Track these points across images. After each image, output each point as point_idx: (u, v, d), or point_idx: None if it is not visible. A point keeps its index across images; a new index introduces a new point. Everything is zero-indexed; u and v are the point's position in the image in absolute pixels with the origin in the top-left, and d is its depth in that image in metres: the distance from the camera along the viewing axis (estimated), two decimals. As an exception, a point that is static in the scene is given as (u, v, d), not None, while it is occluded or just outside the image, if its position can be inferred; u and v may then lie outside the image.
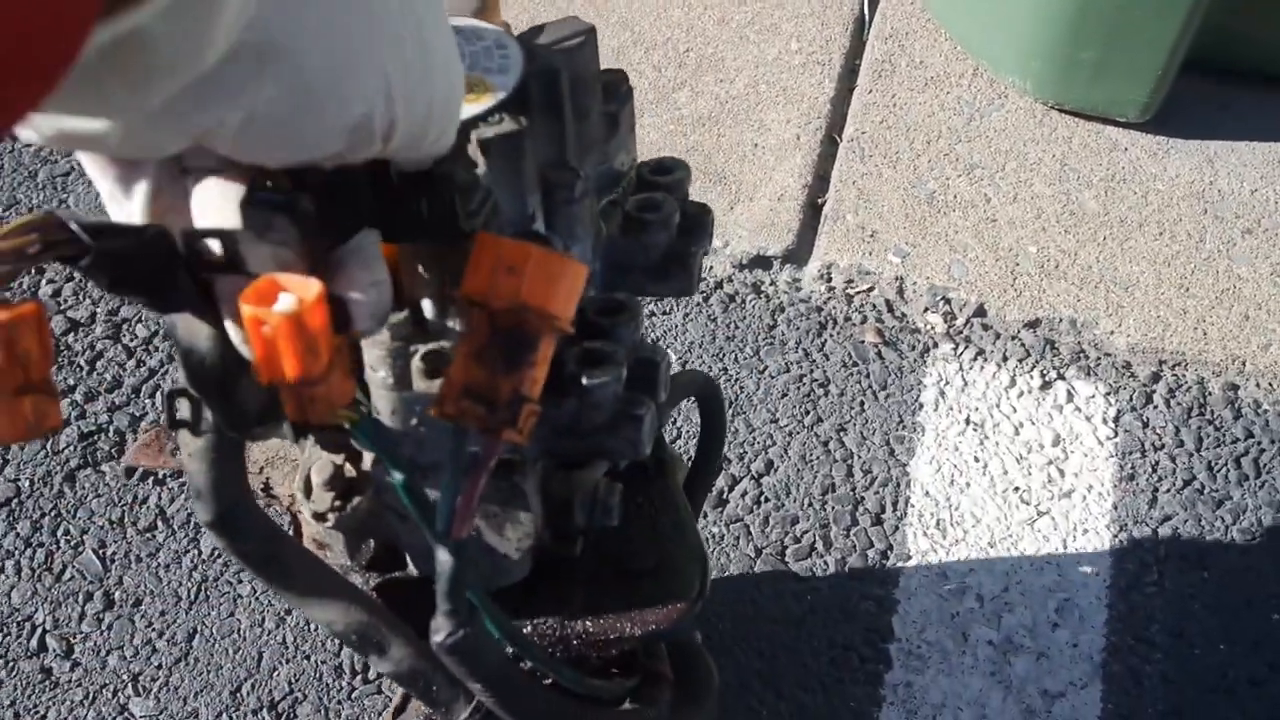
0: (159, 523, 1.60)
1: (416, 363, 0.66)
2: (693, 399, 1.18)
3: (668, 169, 0.82)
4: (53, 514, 1.62)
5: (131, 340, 1.78)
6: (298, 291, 0.47)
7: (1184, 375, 1.66)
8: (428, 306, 0.65)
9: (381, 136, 0.44)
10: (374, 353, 0.67)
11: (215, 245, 0.48)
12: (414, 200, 0.52)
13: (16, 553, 1.58)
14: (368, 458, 0.79)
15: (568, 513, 0.81)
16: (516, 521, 0.78)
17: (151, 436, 1.01)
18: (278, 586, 0.74)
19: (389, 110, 0.43)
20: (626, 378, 0.73)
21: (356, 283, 0.51)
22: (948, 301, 1.73)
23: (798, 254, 1.81)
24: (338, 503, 0.79)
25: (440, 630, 0.66)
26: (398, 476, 0.61)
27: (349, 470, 0.80)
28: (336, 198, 0.49)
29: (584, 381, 0.69)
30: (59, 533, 1.60)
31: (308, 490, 0.79)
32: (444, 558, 0.62)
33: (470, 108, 0.60)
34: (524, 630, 0.86)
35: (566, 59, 0.66)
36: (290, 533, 0.91)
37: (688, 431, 1.63)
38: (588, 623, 0.86)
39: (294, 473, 0.87)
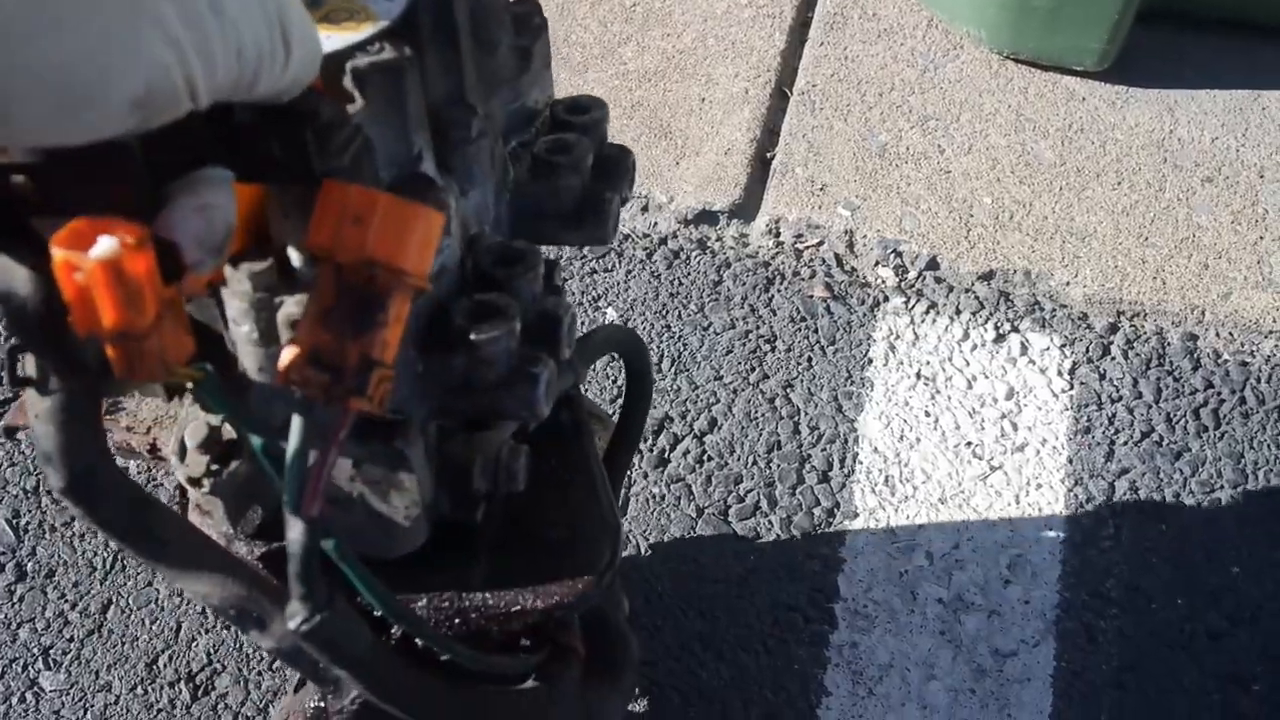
0: (76, 491, 1.53)
1: (282, 315, 0.59)
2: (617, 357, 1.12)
3: (583, 108, 0.77)
4: (-36, 483, 1.55)
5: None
6: (118, 234, 0.43)
7: (1142, 326, 1.60)
8: (294, 255, 0.59)
9: (187, 97, 0.40)
10: (236, 304, 0.60)
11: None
12: (264, 139, 0.48)
13: (-74, 524, 1.50)
14: None
15: (466, 478, 0.76)
16: (401, 488, 0.72)
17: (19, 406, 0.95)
18: (146, 557, 0.67)
19: (184, 71, 0.39)
20: (526, 333, 0.67)
21: (179, 211, 0.47)
22: (899, 255, 1.67)
23: (745, 209, 1.75)
24: (214, 466, 0.73)
25: (295, 615, 0.60)
26: (255, 441, 0.56)
27: (227, 431, 0.73)
28: (167, 136, 0.43)
29: (472, 336, 0.64)
30: (-30, 503, 1.53)
31: (182, 453, 0.73)
32: (295, 536, 0.56)
33: (348, 36, 0.55)
34: (419, 603, 0.80)
35: None
36: (177, 498, 0.85)
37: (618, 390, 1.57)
38: (487, 596, 0.80)
39: (184, 433, 0.81)
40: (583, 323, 1.64)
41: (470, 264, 0.68)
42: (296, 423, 0.53)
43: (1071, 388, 1.55)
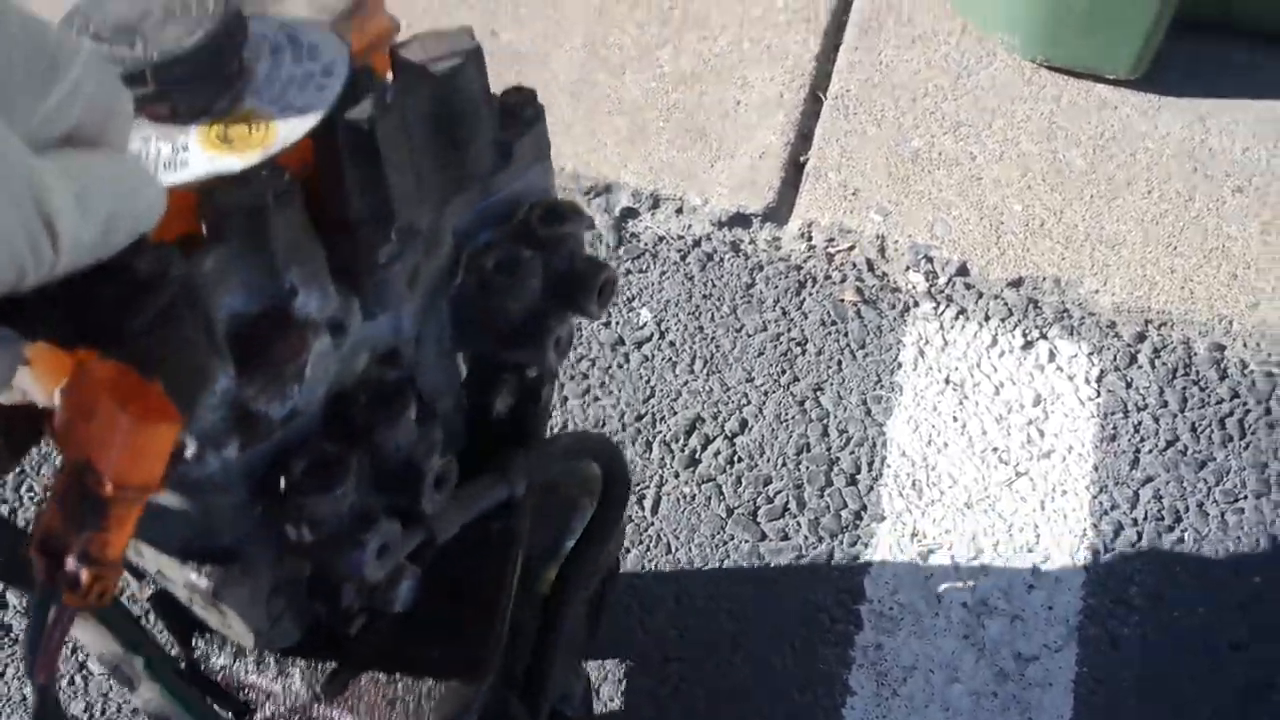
0: None
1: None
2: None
3: (559, 217, 0.71)
4: None
5: None
6: None
7: (1169, 335, 1.62)
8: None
9: None
10: None
11: None
12: (65, 298, 0.43)
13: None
14: None
15: (336, 596, 0.71)
16: (232, 618, 0.67)
17: None
18: (29, 596, 0.64)
19: None
20: (383, 480, 0.63)
21: None
22: (930, 260, 1.70)
23: (778, 212, 1.77)
24: None
25: None
26: None
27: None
28: None
29: (300, 501, 0.59)
30: None
31: None
32: (31, 696, 0.54)
33: (229, 161, 0.50)
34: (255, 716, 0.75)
35: (438, 81, 0.58)
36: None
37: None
38: (329, 710, 0.75)
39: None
40: (617, 323, 1.67)
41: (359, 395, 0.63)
42: (32, 597, 0.50)
43: (1098, 395, 1.57)
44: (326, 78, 0.53)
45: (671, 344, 1.65)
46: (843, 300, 1.68)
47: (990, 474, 1.51)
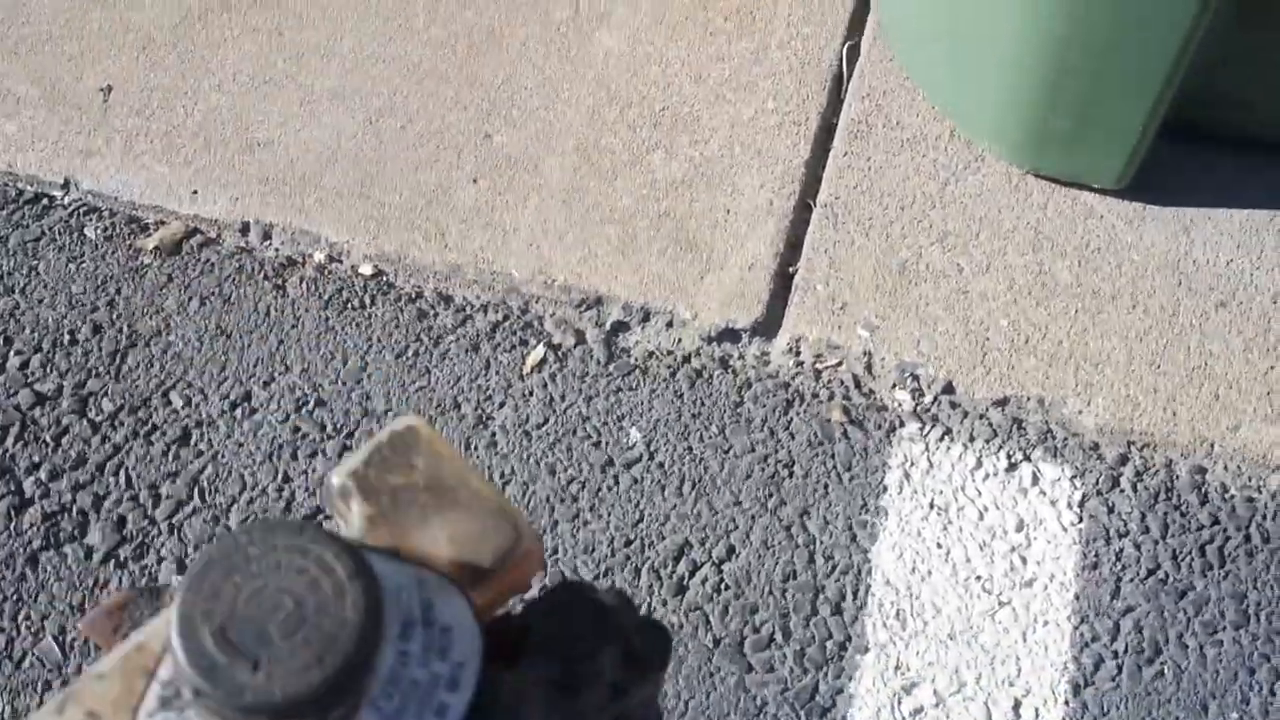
0: (120, 606, 1.60)
1: None
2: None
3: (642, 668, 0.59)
4: (14, 598, 1.62)
5: (97, 414, 1.78)
6: None
7: (1152, 457, 1.64)
8: None
9: None
10: None
11: None
12: None
13: (-22, 636, 1.58)
14: None
15: None
16: None
17: (107, 609, 0.95)
18: None
19: None
20: None
21: None
22: (916, 378, 1.72)
23: (767, 326, 1.80)
24: None
25: None
26: None
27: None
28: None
29: None
30: (19, 618, 1.60)
31: None
32: None
33: None
34: None
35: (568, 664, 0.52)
36: None
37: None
38: None
39: None
40: (606, 443, 1.69)
41: None
42: None
43: (1081, 521, 1.59)
44: (451, 692, 0.46)
45: (661, 465, 1.67)
46: (829, 420, 1.70)
47: (973, 603, 1.53)
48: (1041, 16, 1.65)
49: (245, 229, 1.96)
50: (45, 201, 2.03)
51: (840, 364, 1.75)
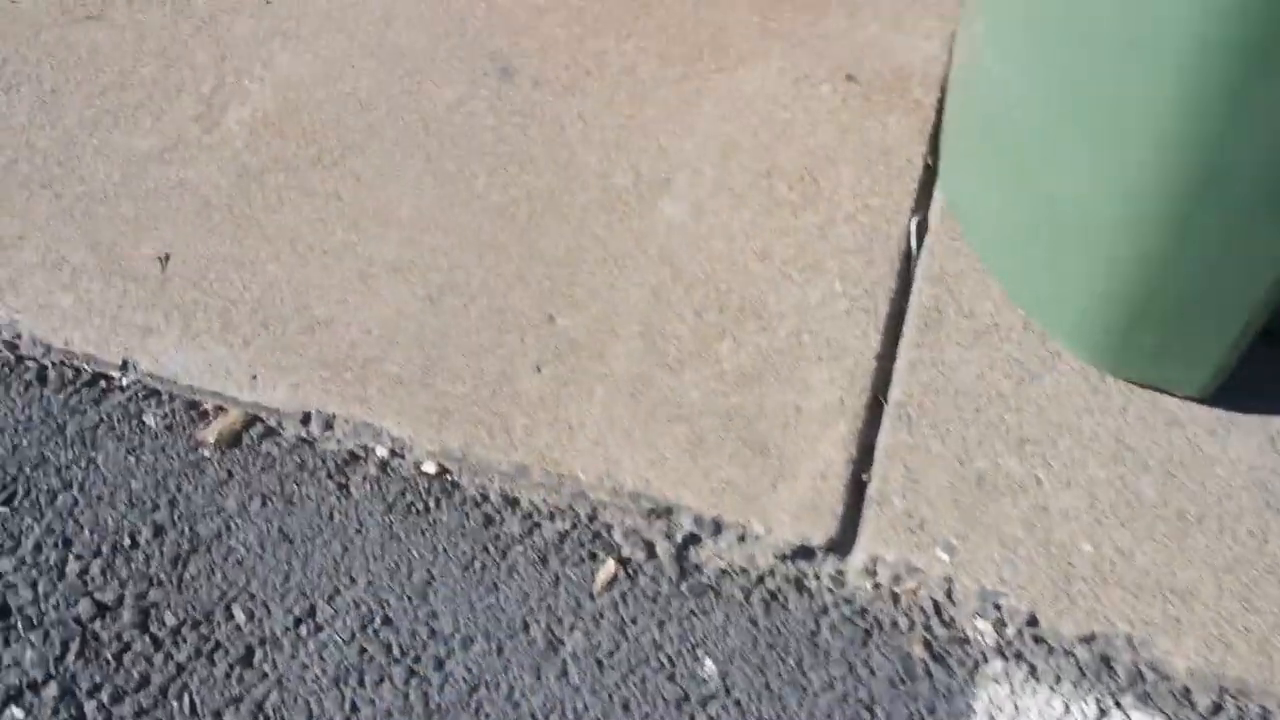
0: None
1: None
2: None
3: None
4: (80, 837, 1.59)
5: (159, 629, 1.75)
6: None
7: (1247, 707, 1.59)
8: None
9: None
10: None
11: None
12: None
13: None
14: None
15: None
16: None
17: None
18: None
19: None
20: None
21: None
22: (998, 608, 1.67)
23: (842, 543, 1.75)
24: None
25: None
26: None
27: None
28: None
29: None
30: None
31: None
32: None
33: None
34: None
35: None
36: None
37: None
38: None
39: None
40: (681, 675, 1.66)
41: None
42: None
43: (1173, 776, 1.55)
44: None
45: (737, 703, 1.64)
46: (910, 654, 1.66)
47: None
48: (1142, 235, 1.61)
49: (306, 419, 1.92)
50: (103, 384, 2.00)
51: (919, 588, 1.71)
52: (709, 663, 1.67)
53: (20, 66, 2.45)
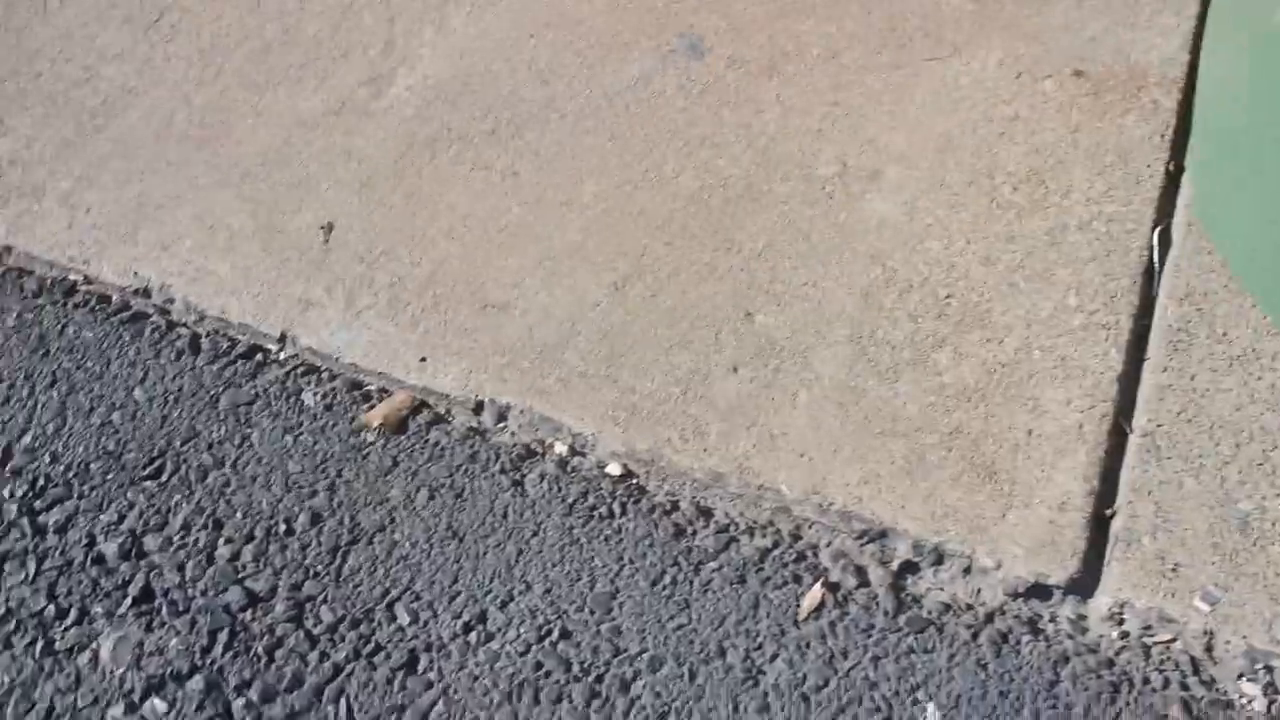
0: None
1: None
2: None
3: None
4: None
5: (315, 625, 1.58)
6: None
7: None
8: None
9: None
10: None
11: None
12: None
13: None
14: None
15: None
16: None
17: None
18: None
19: None
20: None
21: None
22: (1269, 670, 1.45)
23: (1083, 584, 1.54)
24: None
25: None
26: None
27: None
28: None
29: None
30: None
31: None
32: None
33: None
34: None
35: None
36: None
37: None
38: None
39: None
40: (898, 718, 1.46)
41: None
42: None
43: None
44: None
45: (966, 757, 1.43)
46: (1166, 716, 1.44)
47: None
48: None
49: (479, 408, 1.76)
50: (259, 357, 1.85)
51: (1174, 640, 1.49)
52: (931, 708, 1.47)
53: (179, 18, 2.33)
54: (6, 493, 1.71)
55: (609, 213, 1.96)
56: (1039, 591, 1.54)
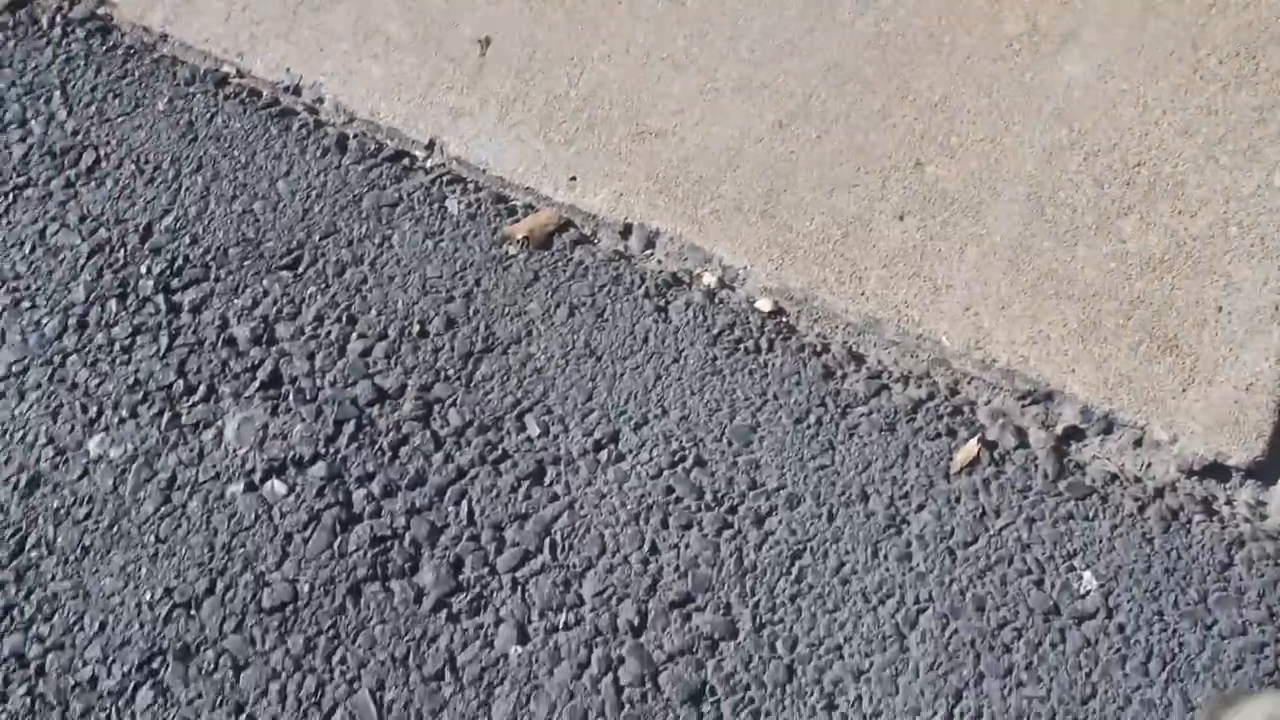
0: (446, 671, 1.34)
1: None
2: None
3: None
4: (330, 633, 1.38)
5: (443, 427, 1.53)
6: None
7: None
8: None
9: None
10: None
11: None
12: None
13: (284, 674, 1.34)
14: None
15: None
16: None
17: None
18: None
19: None
20: None
21: None
22: None
23: (1267, 469, 1.42)
24: None
25: None
26: None
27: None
28: None
29: None
30: (334, 659, 1.36)
31: None
32: None
33: None
34: None
35: None
36: None
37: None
38: None
39: None
40: (1052, 584, 1.35)
41: None
42: None
43: None
44: None
45: (1121, 628, 1.33)
46: (1350, 612, 1.32)
47: None
48: None
49: (627, 231, 1.68)
50: (406, 162, 1.79)
51: (1363, 537, 1.36)
52: (1088, 576, 1.36)
53: None
54: (144, 269, 1.67)
55: (778, 50, 1.85)
56: (1216, 471, 1.43)
